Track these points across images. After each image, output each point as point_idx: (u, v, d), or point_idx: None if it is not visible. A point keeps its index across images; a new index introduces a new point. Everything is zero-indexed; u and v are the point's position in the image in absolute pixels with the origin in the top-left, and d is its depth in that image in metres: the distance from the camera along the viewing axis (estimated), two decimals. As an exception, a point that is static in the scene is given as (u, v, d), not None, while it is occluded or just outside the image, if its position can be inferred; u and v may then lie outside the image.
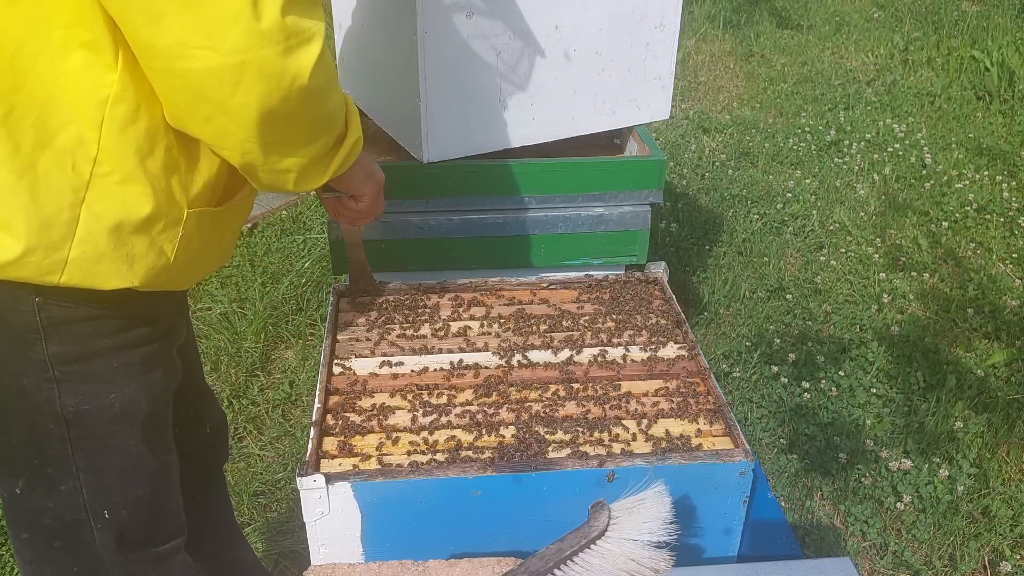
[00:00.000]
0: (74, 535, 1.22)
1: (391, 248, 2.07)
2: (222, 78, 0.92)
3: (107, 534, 1.23)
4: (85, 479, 1.18)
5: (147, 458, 1.24)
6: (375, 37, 2.12)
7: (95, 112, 0.98)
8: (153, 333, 1.20)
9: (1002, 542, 2.26)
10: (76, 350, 1.11)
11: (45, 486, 1.18)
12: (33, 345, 1.09)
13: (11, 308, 1.07)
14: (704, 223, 3.74)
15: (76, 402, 1.13)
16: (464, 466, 1.42)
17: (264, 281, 3.18)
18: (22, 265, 1.01)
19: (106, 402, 1.15)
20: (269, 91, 0.94)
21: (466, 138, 2.02)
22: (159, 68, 0.94)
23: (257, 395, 2.71)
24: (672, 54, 2.19)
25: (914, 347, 2.95)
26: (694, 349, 1.75)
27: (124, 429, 1.19)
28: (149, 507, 1.26)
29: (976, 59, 5.38)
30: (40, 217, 1.00)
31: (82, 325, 1.11)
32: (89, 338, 1.12)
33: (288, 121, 1.00)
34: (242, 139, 1.00)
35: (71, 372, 1.12)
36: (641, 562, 1.20)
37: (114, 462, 1.20)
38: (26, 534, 1.23)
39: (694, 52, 5.89)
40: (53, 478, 1.18)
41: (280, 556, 2.19)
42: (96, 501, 1.20)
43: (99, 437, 1.17)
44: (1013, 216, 3.83)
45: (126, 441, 1.20)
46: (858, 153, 4.41)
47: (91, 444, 1.17)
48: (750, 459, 1.46)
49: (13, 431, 1.16)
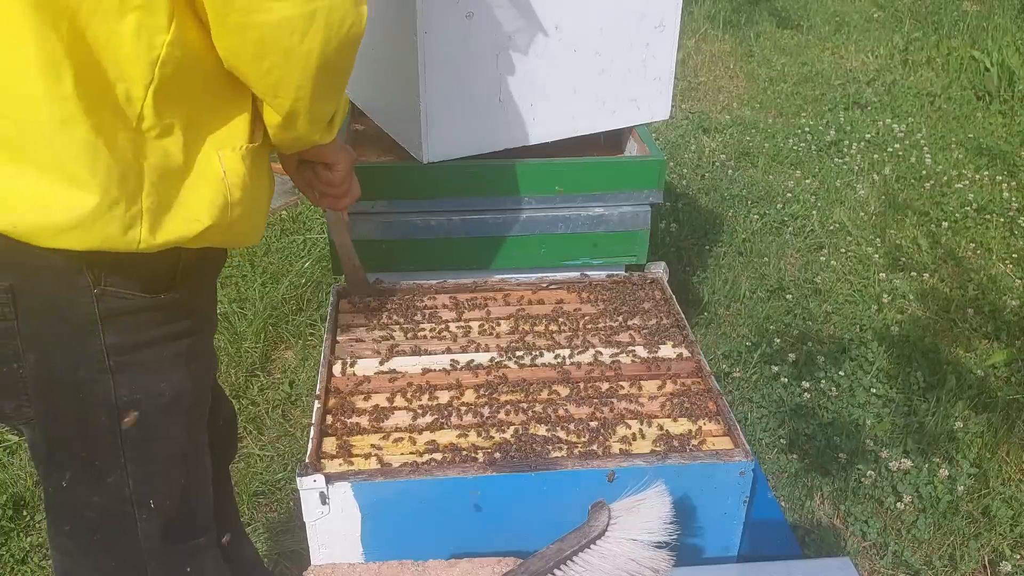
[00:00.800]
0: (116, 527, 1.24)
1: (391, 248, 2.07)
2: (294, 27, 0.99)
3: (152, 524, 1.25)
4: (133, 470, 1.20)
5: (188, 447, 1.27)
6: (375, 37, 2.11)
7: (145, 72, 1.01)
8: (193, 325, 1.23)
9: (1002, 542, 2.26)
10: (131, 340, 1.14)
11: (92, 479, 1.20)
12: (91, 336, 1.11)
13: (71, 301, 1.08)
14: (704, 223, 3.74)
15: (130, 391, 1.16)
16: (464, 466, 1.42)
17: (264, 281, 3.18)
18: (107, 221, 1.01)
19: (157, 391, 1.18)
20: (331, 37, 1.02)
21: (466, 138, 2.02)
22: (234, 23, 0.99)
23: (257, 395, 2.71)
24: (672, 54, 2.19)
25: (914, 347, 2.95)
26: (694, 349, 1.75)
27: (172, 418, 1.22)
28: (189, 495, 1.29)
29: (976, 59, 5.38)
30: (120, 169, 1.01)
31: (134, 316, 1.13)
32: (141, 328, 1.15)
33: (338, 67, 1.09)
34: (298, 85, 1.07)
35: (125, 362, 1.14)
36: (641, 562, 1.20)
37: (160, 451, 1.22)
38: (68, 526, 1.24)
39: (694, 52, 5.89)
40: (101, 471, 1.19)
41: (280, 556, 2.19)
42: (142, 491, 1.22)
43: (149, 426, 1.19)
44: (1013, 216, 3.83)
45: (172, 430, 1.23)
46: (858, 153, 4.41)
47: (141, 433, 1.19)
48: (750, 459, 1.46)
49: (63, 426, 1.17)
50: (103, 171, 0.99)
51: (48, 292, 1.07)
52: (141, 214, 1.04)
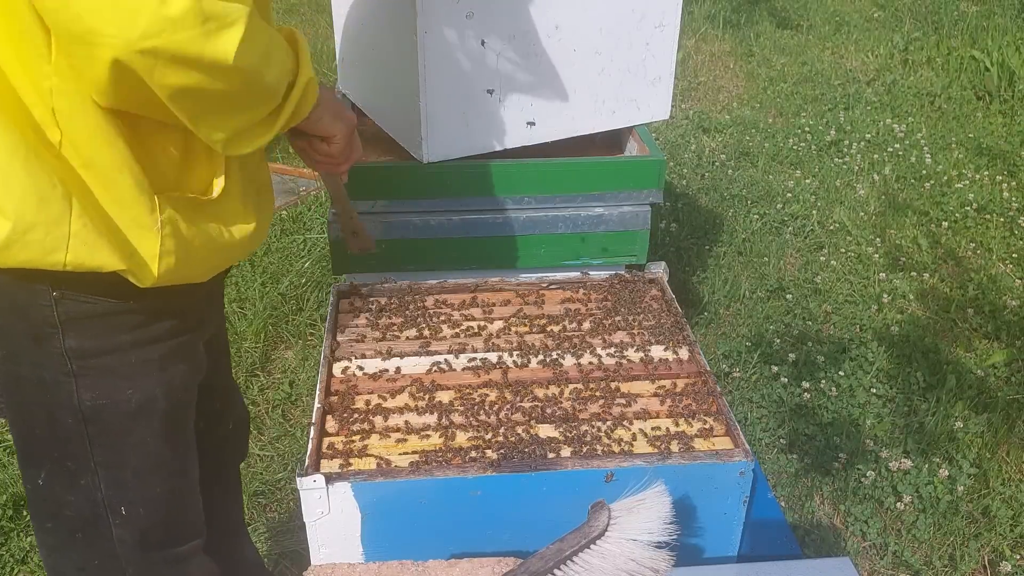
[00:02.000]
0: (94, 529, 1.22)
1: (391, 248, 2.07)
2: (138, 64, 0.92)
3: (125, 531, 1.23)
4: (103, 475, 1.19)
5: (166, 456, 1.23)
6: (375, 37, 2.12)
7: (45, 101, 0.99)
8: (180, 326, 1.20)
9: (1002, 542, 2.26)
10: (93, 345, 1.12)
11: (66, 479, 1.19)
12: (51, 339, 1.10)
13: (30, 303, 1.08)
14: (704, 223, 3.74)
15: (93, 396, 1.14)
16: (464, 466, 1.42)
17: (264, 281, 3.18)
18: (24, 245, 1.00)
19: (123, 397, 1.16)
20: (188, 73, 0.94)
21: (466, 138, 2.02)
22: (80, 55, 0.94)
23: (257, 395, 2.71)
24: (672, 54, 2.19)
25: (914, 347, 2.95)
26: (694, 349, 1.75)
27: (141, 425, 1.19)
28: (168, 506, 1.26)
29: (976, 59, 5.38)
30: (37, 193, 0.99)
31: (100, 320, 1.11)
32: (107, 333, 1.12)
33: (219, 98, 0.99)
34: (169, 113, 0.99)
35: (88, 367, 1.12)
36: (641, 562, 1.20)
37: (132, 459, 1.20)
38: (50, 523, 1.24)
39: (694, 52, 5.88)
40: (73, 472, 1.18)
41: (280, 556, 2.19)
42: (114, 497, 1.20)
43: (117, 433, 1.17)
44: (1013, 216, 3.83)
45: (144, 438, 1.20)
46: (858, 153, 4.41)
47: (109, 440, 1.17)
48: (750, 459, 1.46)
49: (33, 424, 1.17)
50: (17, 196, 0.99)
51: (9, 292, 1.08)
52: (68, 237, 1.02)
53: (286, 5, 6.68)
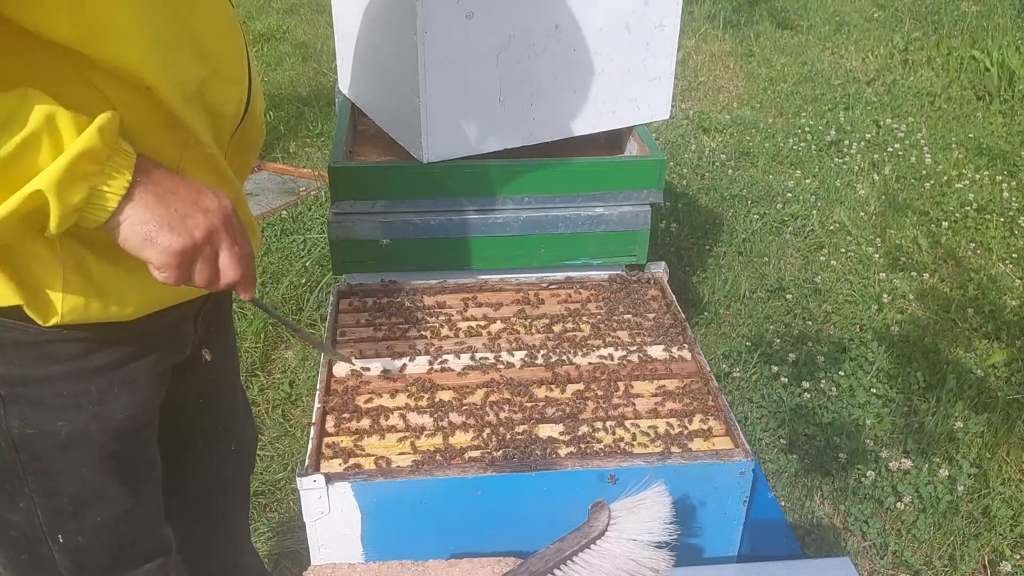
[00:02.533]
0: (37, 552, 1.18)
1: (391, 248, 2.07)
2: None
3: (65, 558, 1.18)
4: (39, 501, 1.13)
5: (107, 486, 1.16)
6: (375, 37, 2.12)
7: None
8: (131, 355, 1.12)
9: (1002, 542, 2.26)
10: (20, 373, 1.06)
11: (7, 500, 1.14)
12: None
13: None
14: (704, 223, 3.74)
15: (20, 425, 1.08)
16: (464, 466, 1.42)
17: (264, 281, 3.18)
18: None
19: (51, 429, 1.09)
20: None
21: (466, 138, 2.02)
22: None
23: (257, 395, 2.71)
24: (672, 54, 2.19)
25: (914, 347, 2.95)
26: (694, 349, 1.75)
27: (74, 457, 1.12)
28: (112, 534, 1.20)
29: (976, 59, 5.38)
30: None
31: (28, 348, 1.04)
32: (35, 363, 1.06)
33: None
34: None
35: (15, 394, 1.07)
36: (641, 562, 1.20)
37: (67, 488, 1.14)
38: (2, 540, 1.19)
39: (694, 52, 5.88)
40: (12, 494, 1.13)
41: (280, 556, 2.19)
42: (50, 524, 1.15)
43: (48, 462, 1.11)
44: (1013, 216, 3.83)
45: (78, 469, 1.13)
46: (858, 153, 4.41)
47: (42, 468, 1.11)
48: (750, 459, 1.46)
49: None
50: None
51: None
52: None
53: (286, 5, 6.67)
